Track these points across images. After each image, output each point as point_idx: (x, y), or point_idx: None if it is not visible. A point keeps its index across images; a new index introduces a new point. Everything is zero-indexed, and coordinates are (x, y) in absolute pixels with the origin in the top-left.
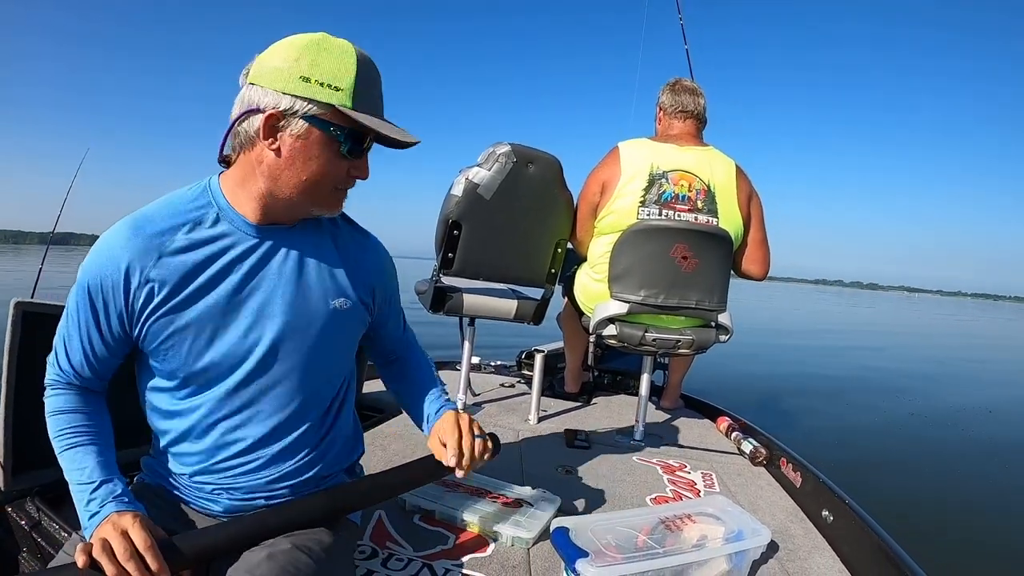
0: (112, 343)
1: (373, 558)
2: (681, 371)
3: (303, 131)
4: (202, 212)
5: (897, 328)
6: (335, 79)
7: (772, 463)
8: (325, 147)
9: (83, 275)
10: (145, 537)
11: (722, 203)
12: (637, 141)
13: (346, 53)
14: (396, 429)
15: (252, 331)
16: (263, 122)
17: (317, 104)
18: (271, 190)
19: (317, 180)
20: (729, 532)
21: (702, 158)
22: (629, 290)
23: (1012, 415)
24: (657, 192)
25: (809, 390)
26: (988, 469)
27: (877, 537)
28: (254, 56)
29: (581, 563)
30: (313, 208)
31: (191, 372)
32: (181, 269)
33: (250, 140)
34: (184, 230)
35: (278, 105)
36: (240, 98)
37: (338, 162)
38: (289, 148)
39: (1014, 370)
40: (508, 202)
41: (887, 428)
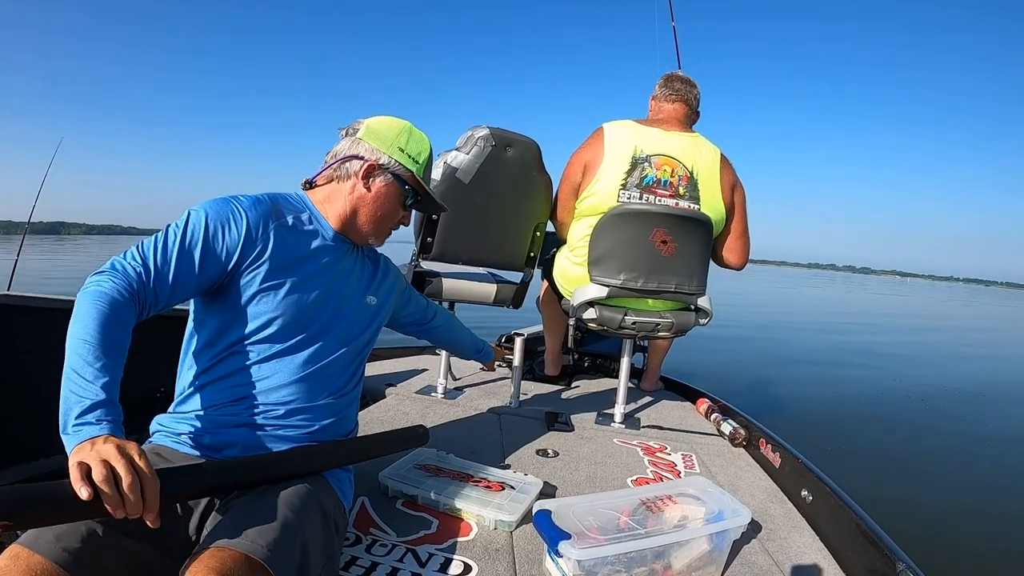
0: (194, 269)
1: (357, 544)
2: (660, 354)
3: (389, 181)
4: (301, 211)
5: (882, 311)
6: (418, 156)
7: (751, 444)
8: (397, 196)
9: (202, 212)
10: (149, 470)
11: (704, 190)
12: (622, 122)
13: (425, 142)
14: (378, 415)
15: (321, 301)
16: (365, 167)
17: (404, 168)
18: (351, 213)
19: (385, 217)
20: (710, 512)
21: (687, 144)
22: (608, 274)
23: (991, 392)
24: (639, 176)
25: (786, 368)
26: (965, 446)
27: (855, 516)
28: (357, 119)
29: (564, 545)
30: (371, 236)
31: (272, 318)
32: (288, 241)
33: (347, 175)
34: (290, 218)
35: (379, 159)
36: (347, 145)
37: (399, 210)
38: (376, 189)
39: (993, 352)
40: (487, 186)
41: (864, 407)
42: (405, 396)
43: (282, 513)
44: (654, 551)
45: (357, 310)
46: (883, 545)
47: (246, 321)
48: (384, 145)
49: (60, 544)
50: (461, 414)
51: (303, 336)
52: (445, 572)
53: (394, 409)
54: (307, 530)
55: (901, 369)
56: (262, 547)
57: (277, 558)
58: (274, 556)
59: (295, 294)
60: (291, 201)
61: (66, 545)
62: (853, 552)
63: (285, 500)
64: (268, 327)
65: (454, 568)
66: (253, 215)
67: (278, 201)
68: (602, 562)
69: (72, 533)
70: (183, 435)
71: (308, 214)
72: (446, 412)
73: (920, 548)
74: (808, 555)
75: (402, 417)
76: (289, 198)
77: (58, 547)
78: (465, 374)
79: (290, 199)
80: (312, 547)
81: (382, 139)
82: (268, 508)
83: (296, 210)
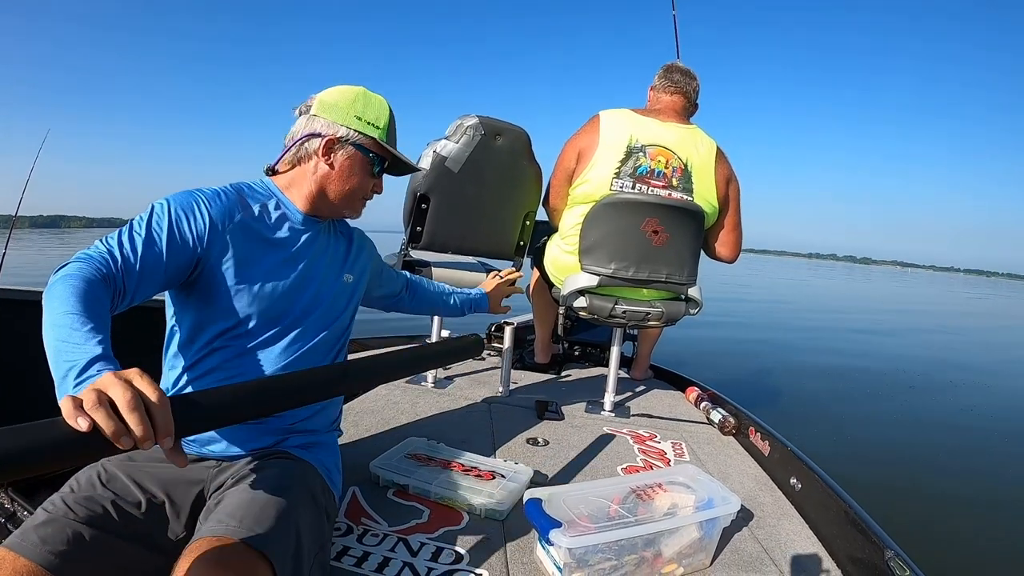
0: (161, 258)
1: (348, 534)
2: (650, 343)
3: (351, 153)
4: (267, 199)
5: (873, 301)
6: (376, 120)
7: (741, 432)
8: (363, 166)
9: (164, 203)
10: (154, 388)
11: (698, 183)
12: (619, 111)
13: (383, 104)
14: (368, 405)
15: (298, 287)
16: (323, 144)
17: (365, 136)
18: (319, 192)
19: (354, 190)
20: (699, 500)
21: (683, 136)
22: (599, 263)
23: (975, 380)
24: (633, 165)
25: (773, 358)
26: (954, 434)
27: (844, 503)
28: (309, 95)
29: (554, 533)
30: (344, 210)
31: (249, 310)
32: (258, 230)
33: (307, 155)
34: (256, 208)
35: (336, 133)
36: (302, 124)
37: (368, 179)
38: (340, 164)
39: (980, 339)
40: (476, 175)
41: (854, 397)
42: (395, 386)
43: (275, 501)
44: (644, 539)
45: (335, 292)
46: (871, 532)
47: (224, 315)
48: (340, 116)
49: (47, 547)
50: (451, 403)
51: (283, 325)
52: (436, 561)
53: (384, 399)
54: (300, 517)
55: (895, 361)
56: (258, 535)
57: (273, 545)
58: (270, 543)
59: (270, 284)
60: (256, 190)
61: (53, 548)
62: (841, 539)
63: (277, 488)
64: (246, 319)
65: (445, 557)
66: (217, 206)
67: (243, 191)
68: (593, 550)
69: (59, 535)
70: None
71: (275, 200)
72: (436, 401)
73: (908, 535)
74: (797, 542)
75: (392, 407)
76: (254, 187)
77: (44, 550)
78: (455, 364)
79: (255, 188)
80: (305, 534)
81: (337, 111)
82: (261, 497)
83: (262, 198)
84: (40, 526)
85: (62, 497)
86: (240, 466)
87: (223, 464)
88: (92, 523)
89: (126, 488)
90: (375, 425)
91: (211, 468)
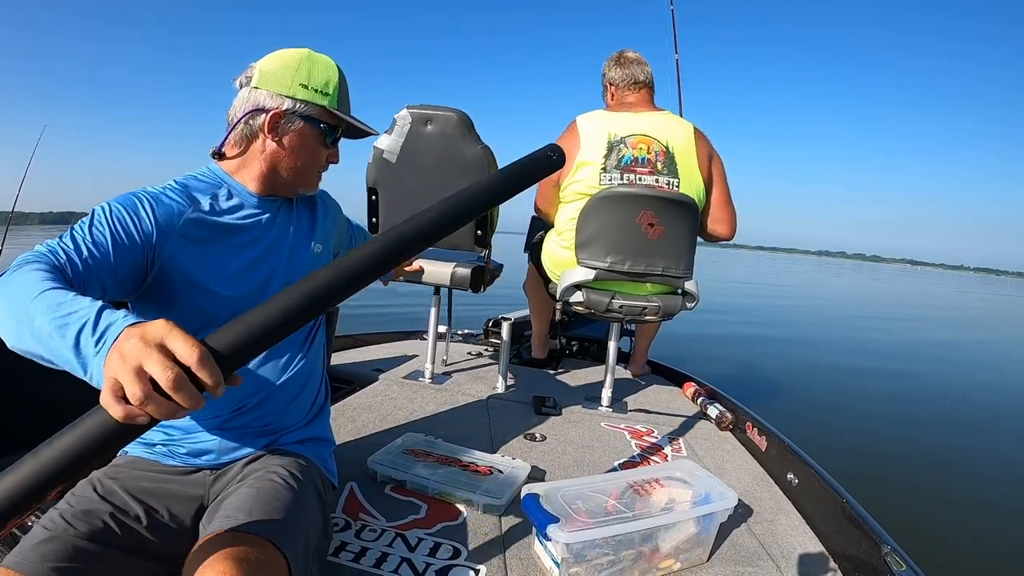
0: (109, 258)
1: (346, 530)
2: (648, 338)
3: (300, 127)
4: (217, 187)
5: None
6: (325, 86)
7: (738, 428)
8: (315, 139)
9: (105, 205)
10: (189, 344)
11: (682, 164)
12: (594, 113)
13: (330, 65)
14: (366, 400)
15: (263, 276)
16: (268, 119)
17: (313, 106)
18: (270, 171)
19: (307, 165)
20: (697, 496)
21: (659, 121)
22: (596, 257)
23: (971, 376)
24: (617, 157)
25: (774, 356)
26: (950, 430)
27: (841, 499)
28: (248, 64)
29: (552, 528)
30: (299, 187)
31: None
32: (211, 224)
33: (254, 133)
34: (206, 200)
35: (281, 106)
36: (243, 98)
37: (322, 150)
38: (289, 140)
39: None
40: (414, 163)
41: (850, 392)
42: (393, 381)
43: (280, 493)
44: (642, 534)
45: (306, 267)
46: (868, 528)
47: (190, 315)
48: (283, 87)
49: (47, 563)
50: (449, 399)
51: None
52: (434, 556)
53: (382, 394)
54: (305, 508)
55: (895, 361)
56: (269, 526)
57: (284, 535)
58: (281, 533)
59: (233, 276)
60: (203, 179)
61: (54, 564)
62: (839, 535)
63: (279, 481)
64: (214, 316)
65: (443, 552)
66: (163, 206)
67: (190, 185)
68: (590, 545)
69: (60, 551)
70: (156, 445)
71: (225, 188)
72: (434, 397)
73: (905, 531)
74: (794, 538)
75: (390, 402)
76: (200, 177)
77: (45, 567)
78: (452, 359)
79: (202, 178)
80: (312, 526)
81: (279, 80)
82: (266, 490)
83: (211, 187)
84: (40, 544)
85: (60, 513)
86: (237, 468)
87: (218, 473)
88: (93, 538)
89: (124, 501)
90: (373, 421)
91: (207, 477)
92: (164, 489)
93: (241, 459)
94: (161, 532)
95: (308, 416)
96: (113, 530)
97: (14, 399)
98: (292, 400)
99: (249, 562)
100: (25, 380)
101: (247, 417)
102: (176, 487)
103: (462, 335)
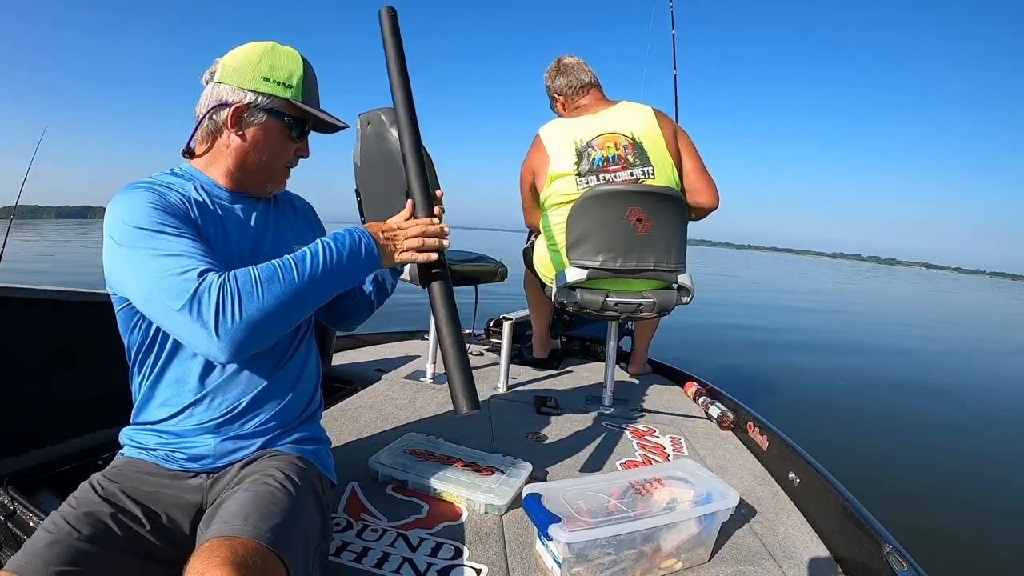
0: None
1: (348, 530)
2: (647, 336)
3: (263, 121)
4: (185, 184)
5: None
6: (288, 79)
7: (739, 427)
8: (280, 133)
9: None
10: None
11: (652, 151)
12: (554, 123)
13: (294, 58)
14: (367, 400)
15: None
16: (231, 114)
17: (275, 99)
18: (237, 167)
19: (272, 160)
20: (698, 495)
21: (618, 115)
22: (587, 256)
23: (972, 378)
24: (588, 162)
25: (776, 355)
26: (950, 430)
27: (842, 498)
28: (215, 59)
29: (553, 528)
30: (266, 184)
31: None
32: (184, 217)
33: (218, 129)
34: (178, 198)
35: (243, 100)
36: (207, 95)
37: (288, 144)
38: (252, 134)
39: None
40: (370, 164)
41: (851, 393)
42: (394, 381)
43: (277, 497)
44: (643, 534)
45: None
46: (870, 527)
47: None
48: (244, 81)
49: (51, 568)
50: (450, 399)
51: None
52: (436, 556)
53: (383, 395)
54: (303, 511)
55: (894, 359)
56: (266, 532)
57: (282, 541)
58: (279, 539)
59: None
60: (177, 176)
61: (58, 568)
62: (840, 534)
63: (277, 484)
64: None
65: (445, 552)
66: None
67: (161, 184)
68: (592, 545)
69: (63, 554)
70: (153, 450)
71: (197, 183)
72: (435, 397)
73: (907, 530)
74: (796, 537)
75: (391, 402)
76: (174, 174)
77: (49, 571)
78: None
79: (175, 175)
80: (311, 529)
81: (241, 74)
82: (263, 494)
83: (181, 184)
84: (44, 547)
85: (63, 516)
86: (234, 471)
87: (215, 476)
88: (95, 540)
89: (124, 503)
90: (374, 421)
91: (204, 482)
92: (163, 494)
93: (237, 462)
94: (161, 535)
95: (303, 415)
96: (115, 532)
97: (14, 399)
98: (284, 399)
99: (247, 568)
100: (25, 380)
101: (240, 419)
102: (175, 492)
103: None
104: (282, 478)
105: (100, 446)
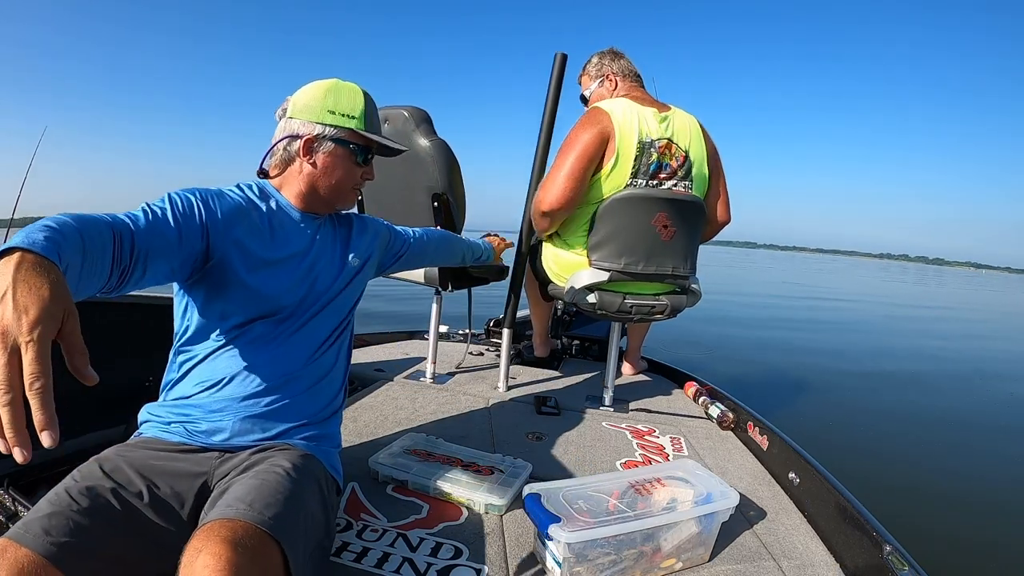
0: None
1: (348, 530)
2: (640, 336)
3: (331, 149)
4: (265, 200)
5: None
6: (351, 111)
7: (739, 427)
8: (346, 159)
9: (181, 192)
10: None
11: (696, 167)
12: (622, 102)
13: (356, 92)
14: (367, 400)
15: (301, 281)
16: (303, 144)
17: (342, 129)
18: (308, 191)
19: (341, 183)
20: (698, 495)
21: (678, 124)
22: (610, 258)
23: (973, 376)
24: (646, 162)
25: (774, 356)
26: (952, 431)
27: (843, 498)
28: (285, 98)
29: (554, 528)
30: (337, 204)
31: (255, 305)
32: (262, 228)
33: (291, 157)
34: (260, 207)
35: (312, 132)
36: (281, 128)
37: (355, 169)
38: (322, 162)
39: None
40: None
41: (851, 393)
42: (394, 381)
43: (283, 487)
44: (643, 534)
45: (340, 279)
46: (870, 527)
47: (230, 310)
48: (313, 115)
49: (48, 538)
50: (450, 399)
51: (288, 317)
52: (436, 556)
53: (383, 394)
54: (306, 504)
55: (893, 358)
56: (269, 518)
57: (284, 529)
58: (281, 526)
59: (275, 279)
60: (255, 189)
61: (55, 538)
62: (840, 534)
63: (284, 475)
64: (252, 315)
65: (445, 552)
66: (226, 204)
67: (245, 192)
68: (592, 545)
69: (62, 526)
70: (173, 423)
71: (274, 200)
72: (435, 397)
73: (907, 531)
74: (796, 537)
75: (391, 402)
76: (253, 187)
77: (46, 541)
78: (454, 358)
79: (254, 188)
80: (313, 522)
81: (310, 110)
82: (270, 482)
83: (263, 197)
84: (43, 517)
85: (65, 488)
86: (244, 456)
87: (226, 455)
88: (94, 514)
89: (128, 478)
90: (374, 421)
91: (214, 459)
92: (171, 467)
93: (250, 447)
94: (162, 510)
95: (324, 412)
96: (114, 507)
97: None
98: (310, 389)
99: (244, 547)
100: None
101: (267, 398)
102: (183, 465)
103: (463, 335)
104: (290, 468)
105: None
